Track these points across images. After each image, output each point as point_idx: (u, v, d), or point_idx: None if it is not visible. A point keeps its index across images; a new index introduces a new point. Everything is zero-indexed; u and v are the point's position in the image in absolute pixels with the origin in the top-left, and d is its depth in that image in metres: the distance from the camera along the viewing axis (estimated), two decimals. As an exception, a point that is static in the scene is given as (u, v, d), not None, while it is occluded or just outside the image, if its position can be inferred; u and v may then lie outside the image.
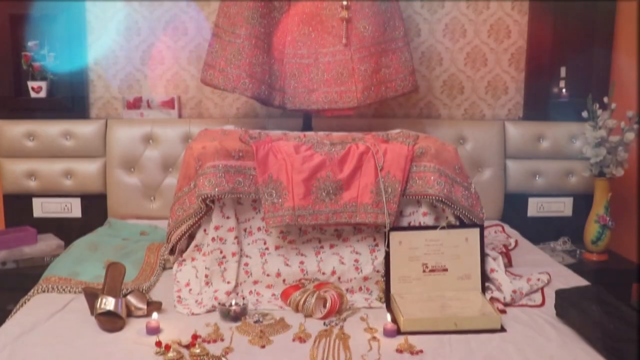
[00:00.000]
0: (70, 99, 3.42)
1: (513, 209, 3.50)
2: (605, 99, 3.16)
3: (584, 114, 3.18)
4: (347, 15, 2.91)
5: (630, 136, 3.07)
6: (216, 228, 2.48)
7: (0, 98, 3.39)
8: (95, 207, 3.43)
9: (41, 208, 3.43)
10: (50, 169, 3.38)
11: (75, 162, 3.40)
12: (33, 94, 3.40)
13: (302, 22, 2.96)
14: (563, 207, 3.54)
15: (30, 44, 3.38)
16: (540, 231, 3.45)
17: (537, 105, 3.52)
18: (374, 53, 2.94)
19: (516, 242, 3.07)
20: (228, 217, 2.49)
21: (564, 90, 3.53)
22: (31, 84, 3.39)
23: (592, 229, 3.20)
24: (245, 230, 2.54)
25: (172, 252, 2.63)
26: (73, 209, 3.43)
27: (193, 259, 2.57)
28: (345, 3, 2.91)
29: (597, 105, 3.14)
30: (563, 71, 3.52)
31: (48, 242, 3.12)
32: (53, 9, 3.34)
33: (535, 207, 3.53)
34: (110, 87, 3.51)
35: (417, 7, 3.51)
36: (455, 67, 3.57)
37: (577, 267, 2.92)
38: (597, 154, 3.11)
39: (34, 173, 3.38)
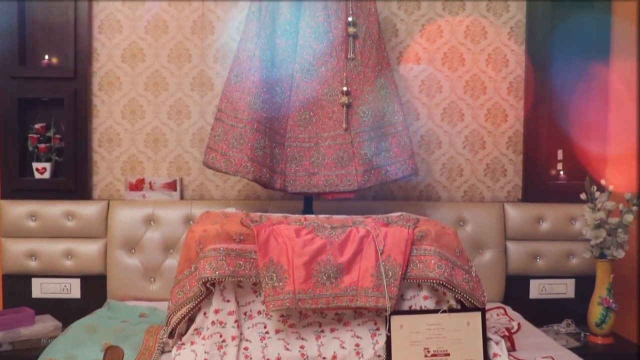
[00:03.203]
0: (73, 181, 3.46)
1: (515, 291, 3.48)
2: (603, 181, 3.20)
3: (583, 196, 3.21)
4: (347, 100, 2.99)
5: (629, 218, 3.09)
6: (216, 311, 2.46)
7: (4, 178, 3.43)
8: (95, 288, 3.42)
9: (40, 288, 3.41)
10: (51, 249, 3.39)
11: (76, 243, 3.40)
12: (37, 175, 3.45)
13: (302, 107, 3.04)
14: (565, 288, 3.52)
15: (37, 126, 3.45)
16: (543, 313, 3.41)
17: (536, 187, 3.56)
18: (374, 137, 3.00)
19: (519, 325, 3.03)
20: (228, 301, 2.48)
21: (561, 172, 3.59)
22: (36, 165, 3.45)
23: (595, 311, 3.17)
24: (245, 313, 2.53)
25: (171, 335, 2.60)
26: (72, 289, 3.42)
27: (192, 343, 2.53)
28: (345, 89, 2.99)
29: (595, 188, 3.18)
30: (560, 154, 3.58)
31: (46, 324, 3.09)
32: (60, 93, 3.44)
33: (537, 289, 3.51)
34: (113, 169, 3.56)
35: (415, 92, 3.60)
36: (454, 150, 3.63)
37: (582, 351, 2.88)
38: (597, 235, 3.12)
39: (34, 253, 3.38)
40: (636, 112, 3.39)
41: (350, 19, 3.01)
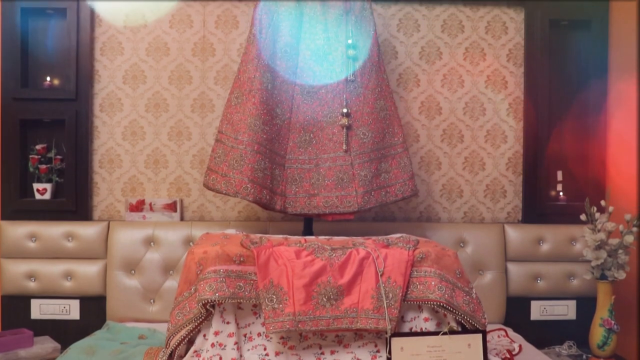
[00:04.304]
0: (74, 202, 3.46)
1: (515, 312, 3.47)
2: (603, 202, 3.20)
3: (583, 217, 3.21)
4: (347, 122, 3.00)
5: (630, 239, 3.08)
6: (216, 333, 2.46)
7: (5, 199, 3.44)
8: (94, 310, 3.41)
9: (39, 309, 3.40)
10: (50, 270, 3.38)
11: (76, 264, 3.40)
12: (38, 196, 3.46)
13: (303, 128, 3.05)
14: (566, 310, 3.51)
15: (38, 147, 3.47)
16: (545, 335, 3.41)
17: (536, 208, 3.57)
18: (374, 159, 3.01)
19: (520, 347, 3.02)
20: (228, 323, 2.47)
21: (561, 193, 3.60)
22: (36, 185, 3.46)
23: (597, 333, 3.15)
24: (245, 335, 2.52)
25: (170, 357, 2.59)
26: (72, 310, 3.41)
27: (192, 365, 2.53)
28: (345, 111, 3.01)
29: (595, 209, 3.18)
30: (560, 175, 3.60)
31: (44, 345, 3.08)
32: (61, 114, 3.46)
33: (538, 311, 3.50)
34: (113, 190, 3.57)
35: (415, 113, 3.62)
36: (454, 171, 3.64)
37: (584, 373, 2.87)
38: (598, 256, 3.12)
39: (34, 274, 3.38)
40: (636, 133, 3.40)
41: (350, 41, 3.04)
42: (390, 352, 2.37)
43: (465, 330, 2.50)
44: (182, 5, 3.58)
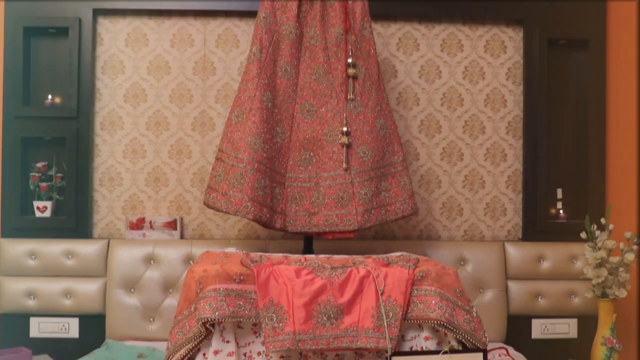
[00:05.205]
0: (74, 219, 3.47)
1: (517, 330, 3.46)
2: (603, 220, 3.20)
3: (583, 234, 3.20)
4: (347, 141, 3.01)
5: (630, 257, 3.08)
6: (215, 352, 2.44)
7: (5, 216, 3.45)
8: (93, 328, 3.39)
9: (38, 328, 3.39)
10: (50, 288, 3.37)
11: (75, 282, 3.39)
12: (38, 214, 3.47)
13: (303, 147, 3.06)
14: (568, 328, 3.49)
15: (38, 165, 3.48)
16: (546, 354, 3.40)
17: (536, 226, 3.57)
18: (374, 177, 3.02)
19: (521, 366, 3.02)
20: (228, 342, 2.46)
21: (561, 211, 3.60)
22: (37, 203, 3.46)
23: (599, 352, 3.13)
24: (245, 354, 2.51)
25: (169, 376, 2.58)
26: (71, 329, 3.39)
27: (191, 384, 2.51)
28: (345, 129, 3.02)
29: (595, 226, 3.18)
30: (559, 192, 3.60)
31: (43, 364, 3.07)
32: (62, 132, 3.47)
33: (540, 329, 3.49)
34: (114, 208, 3.57)
35: (415, 132, 3.63)
36: (454, 190, 3.64)
37: (586, 393, 2.85)
38: (599, 274, 3.11)
39: (33, 292, 3.37)
40: (635, 150, 3.41)
41: (350, 60, 3.06)
42: (390, 372, 2.36)
43: (466, 349, 2.48)
44: (183, 25, 3.60)
